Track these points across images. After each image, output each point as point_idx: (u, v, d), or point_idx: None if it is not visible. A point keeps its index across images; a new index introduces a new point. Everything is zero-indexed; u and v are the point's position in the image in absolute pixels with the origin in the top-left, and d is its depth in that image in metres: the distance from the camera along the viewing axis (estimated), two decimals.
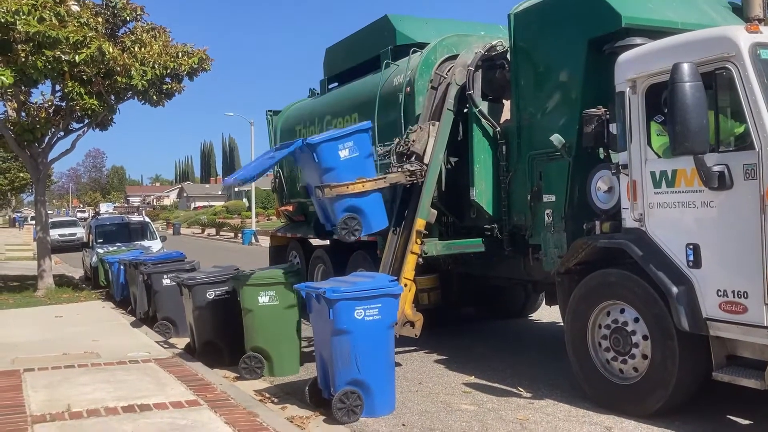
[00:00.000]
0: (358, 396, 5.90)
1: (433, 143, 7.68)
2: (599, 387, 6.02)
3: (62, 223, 37.71)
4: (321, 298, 5.94)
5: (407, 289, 7.39)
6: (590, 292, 6.06)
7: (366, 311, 5.95)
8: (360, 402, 5.90)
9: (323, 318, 5.99)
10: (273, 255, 12.75)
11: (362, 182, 7.25)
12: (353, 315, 5.90)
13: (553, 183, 6.80)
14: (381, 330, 6.06)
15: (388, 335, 6.17)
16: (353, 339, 5.90)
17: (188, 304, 8.48)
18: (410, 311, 7.43)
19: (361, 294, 5.95)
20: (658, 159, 5.63)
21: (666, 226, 5.54)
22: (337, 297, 5.85)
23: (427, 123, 7.85)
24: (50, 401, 6.22)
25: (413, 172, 7.56)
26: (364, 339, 5.93)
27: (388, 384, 6.16)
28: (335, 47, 11.43)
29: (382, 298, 6.04)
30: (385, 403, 6.11)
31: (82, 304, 13.43)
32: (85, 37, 12.52)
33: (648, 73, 5.64)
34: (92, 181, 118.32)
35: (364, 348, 5.94)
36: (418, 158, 7.66)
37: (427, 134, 7.74)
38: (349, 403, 5.86)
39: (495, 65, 7.87)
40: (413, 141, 7.75)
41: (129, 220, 20.86)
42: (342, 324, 5.86)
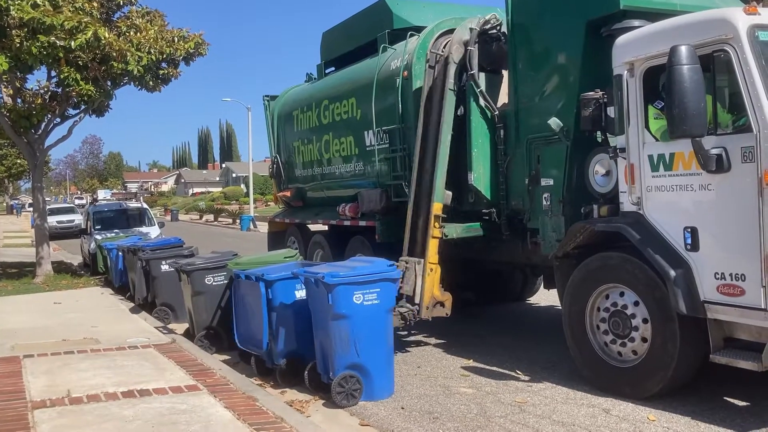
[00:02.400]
0: (357, 380, 5.92)
1: (421, 283, 7.40)
2: (598, 370, 6.04)
3: (60, 209, 37.61)
4: (320, 283, 5.95)
5: (433, 272, 7.44)
6: (589, 275, 6.06)
7: (365, 296, 5.97)
8: (359, 386, 5.93)
9: (322, 302, 6.00)
10: (272, 241, 12.72)
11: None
12: (352, 299, 5.92)
13: (551, 167, 6.76)
14: (380, 314, 6.08)
15: (386, 319, 6.19)
16: (352, 323, 5.92)
17: (187, 289, 8.50)
18: (439, 292, 7.47)
19: (359, 279, 5.96)
20: (656, 142, 5.60)
21: (664, 210, 5.53)
22: (336, 282, 5.86)
23: (413, 261, 7.58)
24: (50, 387, 6.24)
25: (404, 316, 7.23)
26: (363, 323, 5.95)
27: (387, 368, 6.19)
28: (332, 31, 11.36)
29: (380, 282, 6.05)
30: (384, 387, 6.15)
31: (81, 291, 13.44)
32: (80, 22, 12.41)
33: (646, 56, 5.60)
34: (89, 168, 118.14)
35: (363, 332, 5.96)
36: (409, 299, 7.40)
37: (414, 273, 7.49)
38: (348, 387, 5.89)
39: (492, 38, 7.81)
40: (400, 280, 7.15)
41: (127, 207, 20.83)
42: (341, 308, 5.88)
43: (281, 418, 5.18)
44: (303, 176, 11.60)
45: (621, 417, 5.37)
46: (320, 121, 10.75)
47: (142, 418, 5.28)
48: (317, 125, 10.87)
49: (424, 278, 7.45)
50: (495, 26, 7.81)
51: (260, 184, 64.22)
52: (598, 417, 5.40)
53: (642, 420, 5.29)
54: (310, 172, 11.35)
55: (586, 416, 5.44)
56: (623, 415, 5.41)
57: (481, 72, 7.72)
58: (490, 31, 7.82)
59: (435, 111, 7.93)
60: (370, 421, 5.55)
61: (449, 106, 7.74)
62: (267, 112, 12.74)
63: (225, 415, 5.33)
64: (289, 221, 11.99)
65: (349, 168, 10.11)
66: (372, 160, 9.37)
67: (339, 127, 10.28)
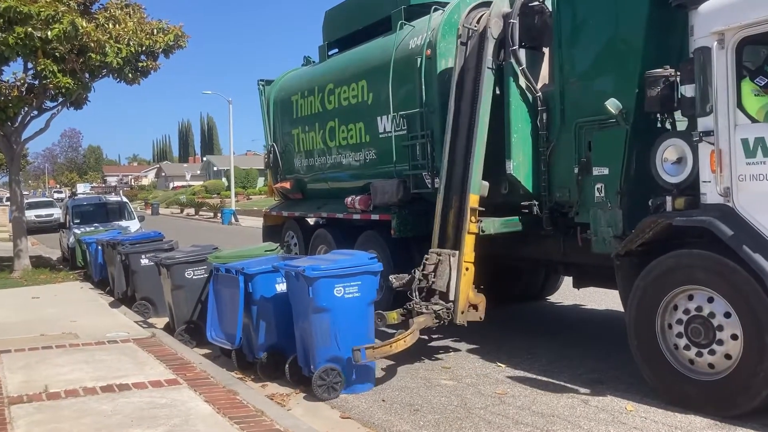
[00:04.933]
0: (338, 373, 5.93)
1: (456, 276, 6.82)
2: (663, 375, 5.42)
3: (39, 203, 37.24)
4: (300, 276, 5.94)
5: (469, 272, 6.87)
6: (667, 273, 5.33)
7: (345, 289, 5.95)
8: (340, 378, 5.93)
9: (303, 295, 5.98)
10: (267, 235, 12.00)
11: (403, 338, 6.26)
12: (333, 293, 5.90)
13: (606, 154, 6.02)
14: (361, 307, 6.07)
15: (367, 312, 6.19)
16: (333, 317, 5.91)
17: (167, 283, 8.45)
18: (473, 294, 6.88)
19: (340, 272, 5.94)
20: (753, 124, 4.93)
21: (762, 202, 4.84)
22: (317, 275, 5.84)
23: (447, 253, 6.96)
24: (27, 382, 6.17)
25: (438, 314, 6.71)
26: (343, 316, 5.94)
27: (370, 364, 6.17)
28: (336, 9, 10.66)
29: (361, 275, 6.03)
30: (365, 380, 6.15)
31: (60, 285, 13.32)
32: (56, 12, 12.27)
33: (741, 24, 4.91)
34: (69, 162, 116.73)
35: (344, 325, 5.96)
36: (442, 296, 6.84)
37: (447, 267, 6.88)
38: (329, 380, 5.89)
39: (533, 11, 7.05)
40: (432, 274, 6.92)
41: (106, 200, 20.63)
42: (321, 302, 5.87)
43: (262, 411, 5.17)
44: (303, 166, 11.00)
45: (599, 407, 5.42)
46: (324, 106, 10.12)
47: (122, 413, 5.25)
48: (320, 111, 10.25)
49: (459, 274, 6.83)
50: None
51: (242, 177, 64.00)
52: (577, 407, 5.44)
53: (620, 410, 5.33)
54: (311, 161, 10.74)
55: (566, 407, 5.48)
56: (602, 406, 5.45)
57: (521, 49, 6.99)
58: (532, 3, 7.07)
59: (468, 92, 7.27)
60: (351, 413, 5.55)
61: (488, 87, 7.04)
62: (262, 97, 11.95)
63: (205, 408, 5.30)
64: (288, 214, 11.40)
65: (359, 157, 9.48)
66: (387, 148, 8.77)
67: (346, 112, 9.63)
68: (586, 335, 7.97)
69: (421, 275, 6.97)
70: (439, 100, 7.80)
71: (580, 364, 6.66)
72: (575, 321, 9.08)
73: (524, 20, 7.03)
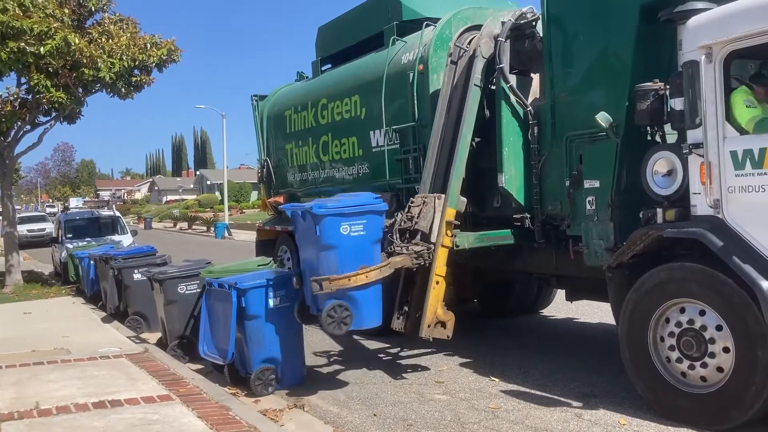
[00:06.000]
0: (346, 308, 6.13)
1: (439, 219, 6.85)
2: (655, 388, 5.41)
3: (31, 218, 37.07)
4: (308, 215, 6.13)
5: (439, 285, 6.76)
6: (659, 286, 5.34)
7: (351, 227, 6.16)
8: (348, 312, 6.14)
9: (310, 234, 6.19)
10: (260, 250, 11.92)
11: (365, 272, 6.24)
12: (339, 230, 6.11)
13: (597, 167, 6.08)
14: (366, 245, 6.29)
15: (373, 250, 6.42)
16: (340, 254, 6.13)
17: (159, 298, 8.42)
18: (441, 311, 6.75)
19: (346, 210, 6.18)
20: (740, 137, 4.99)
21: (751, 213, 4.88)
22: (324, 212, 6.07)
23: (432, 196, 7.04)
24: (18, 399, 6.13)
25: (420, 254, 6.70)
26: (349, 253, 6.16)
27: (375, 299, 6.37)
28: (329, 26, 10.79)
29: (367, 214, 6.28)
30: (373, 318, 6.41)
31: (52, 300, 13.24)
32: (49, 27, 12.30)
33: (728, 38, 4.97)
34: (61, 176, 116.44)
35: (350, 262, 6.15)
36: (424, 237, 6.84)
37: (432, 209, 6.91)
38: (338, 315, 6.09)
39: (524, 35, 7.18)
40: (417, 216, 6.95)
41: (99, 215, 20.58)
42: (329, 239, 6.07)
43: (255, 427, 5.15)
44: (297, 181, 11.01)
45: (593, 421, 5.42)
46: (317, 121, 10.19)
47: (113, 430, 5.21)
48: (313, 126, 10.33)
49: (443, 218, 6.84)
50: (531, 21, 7.18)
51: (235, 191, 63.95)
52: (571, 421, 5.44)
53: (613, 424, 5.33)
54: (304, 176, 10.78)
55: (559, 421, 5.47)
56: (595, 419, 5.45)
57: (511, 73, 7.15)
58: (523, 26, 7.20)
59: (454, 109, 7.37)
60: (344, 429, 5.54)
61: (472, 103, 7.14)
62: (255, 112, 12.05)
63: (198, 425, 5.27)
64: (281, 229, 11.31)
65: (352, 171, 9.53)
66: (379, 162, 8.81)
67: (339, 127, 9.70)
68: (579, 349, 7.97)
69: (405, 217, 7.01)
70: (431, 115, 7.84)
71: (573, 377, 6.66)
72: (568, 334, 9.08)
73: (515, 43, 7.19)
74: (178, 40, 14.67)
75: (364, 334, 8.96)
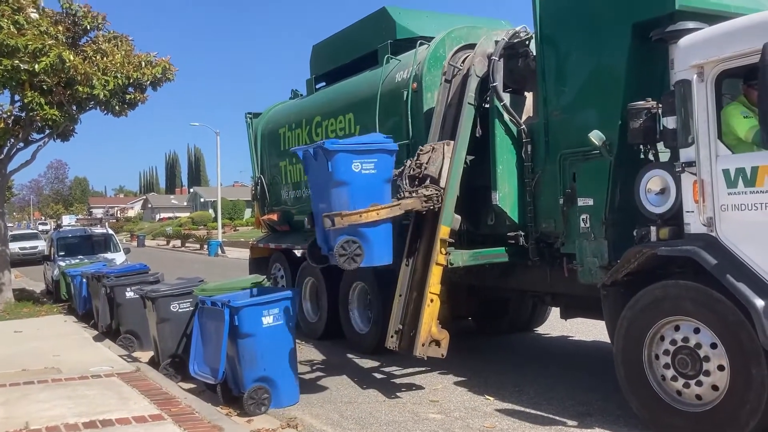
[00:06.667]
0: (358, 245, 6.31)
1: (449, 165, 7.00)
2: (651, 407, 5.39)
3: (23, 236, 36.86)
4: (320, 151, 6.33)
5: (433, 304, 6.75)
6: (654, 304, 5.34)
7: (363, 164, 6.37)
8: (360, 249, 6.32)
9: (322, 172, 6.37)
10: (254, 268, 11.93)
11: (376, 209, 6.44)
12: (351, 167, 6.30)
13: (591, 185, 6.11)
14: (377, 184, 6.53)
15: (384, 189, 6.66)
16: (352, 190, 6.33)
17: (152, 316, 8.36)
18: (436, 329, 6.76)
19: (358, 147, 6.43)
20: (733, 155, 5.02)
21: (744, 231, 4.90)
22: (336, 148, 6.37)
23: (441, 143, 7.17)
24: (7, 419, 6.04)
25: (429, 197, 6.85)
26: (361, 190, 6.39)
27: (385, 238, 6.59)
28: (324, 44, 10.85)
29: (378, 153, 6.48)
30: (383, 255, 6.61)
31: (43, 319, 13.12)
32: (44, 45, 12.31)
33: (719, 57, 5.02)
34: (54, 193, 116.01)
35: (361, 198, 6.39)
36: (434, 181, 6.96)
37: (441, 155, 7.03)
38: (350, 251, 6.27)
39: (517, 54, 7.22)
40: (426, 163, 7.06)
41: (92, 233, 20.48)
42: (341, 175, 6.31)
43: None
44: (290, 198, 11.00)
45: None
46: (311, 138, 10.11)
47: None
48: (307, 143, 10.17)
49: (452, 163, 6.93)
50: (524, 40, 7.23)
51: (228, 208, 63.93)
52: None
53: None
54: (298, 193, 10.75)
55: None
56: None
57: (505, 92, 7.17)
58: (517, 45, 7.25)
59: (449, 127, 7.41)
60: None
61: (467, 121, 7.16)
62: (249, 130, 12.03)
63: None
64: (275, 246, 11.37)
65: None
66: None
67: None
68: (574, 367, 7.94)
69: (414, 164, 7.11)
70: (425, 133, 7.85)
71: (568, 396, 6.63)
72: (563, 352, 9.06)
73: (508, 62, 7.21)
74: (173, 58, 14.71)
75: (358, 353, 8.93)
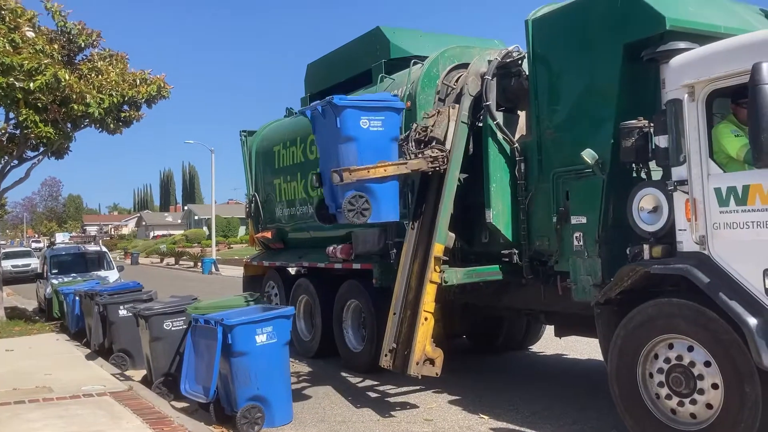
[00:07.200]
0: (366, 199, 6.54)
1: (453, 128, 7.12)
2: (644, 425, 5.37)
3: (16, 253, 36.73)
4: (328, 107, 6.56)
5: (428, 322, 6.75)
6: (648, 322, 5.32)
7: (371, 121, 6.61)
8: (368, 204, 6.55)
9: (330, 128, 6.59)
10: (247, 286, 11.92)
11: (384, 166, 6.63)
12: (359, 123, 6.54)
13: (584, 203, 6.14)
14: (385, 141, 6.75)
15: (390, 147, 6.88)
16: (359, 146, 6.55)
17: (145, 335, 8.32)
18: (430, 348, 6.75)
19: (366, 104, 6.69)
20: (725, 173, 5.06)
21: (736, 250, 4.92)
22: (345, 104, 6.55)
23: (446, 106, 7.36)
24: None
25: (435, 158, 6.97)
26: (369, 147, 6.61)
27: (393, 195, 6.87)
28: (319, 63, 10.96)
29: (385, 110, 6.74)
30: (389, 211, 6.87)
31: (35, 337, 13.04)
32: (39, 63, 12.35)
33: (710, 77, 5.07)
34: (48, 211, 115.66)
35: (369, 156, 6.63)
36: (439, 143, 7.09)
37: (446, 117, 7.19)
38: (358, 206, 6.48)
39: (510, 73, 7.32)
40: (431, 126, 7.21)
41: (85, 250, 20.39)
42: (348, 131, 6.51)
43: None
44: (285, 216, 11.04)
45: None
46: (306, 156, 10.23)
47: None
48: (302, 161, 10.38)
49: (458, 126, 7.11)
50: (517, 59, 7.30)
51: (223, 226, 63.78)
52: None
53: None
54: (293, 211, 10.81)
55: None
56: None
57: (498, 111, 7.24)
58: (510, 65, 7.34)
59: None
60: None
61: (460, 140, 7.21)
62: (244, 148, 12.13)
63: None
64: (269, 264, 11.37)
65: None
66: None
67: None
68: (568, 385, 7.93)
69: (420, 128, 7.29)
70: None
71: (563, 414, 6.62)
72: (557, 371, 9.04)
73: (501, 81, 7.30)
74: (168, 75, 14.74)
75: (352, 371, 8.90)
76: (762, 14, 6.58)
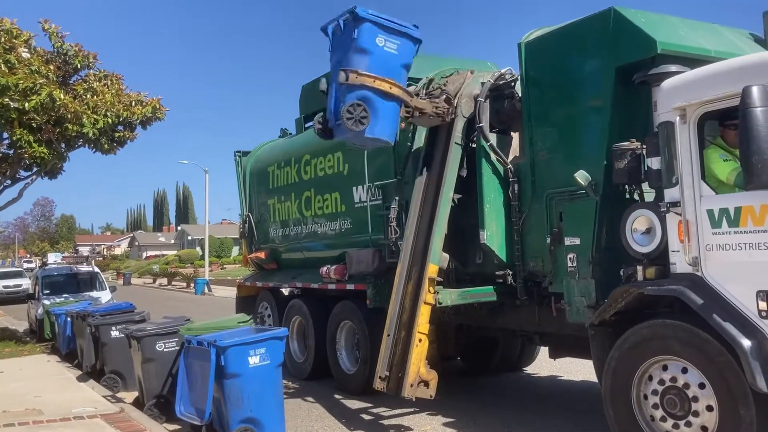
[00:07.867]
0: (365, 109, 6.45)
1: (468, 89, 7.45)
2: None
3: (7, 274, 36.50)
4: (350, 19, 6.48)
5: (422, 344, 6.74)
6: (642, 343, 5.32)
7: (386, 41, 6.61)
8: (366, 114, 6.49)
9: (347, 39, 6.51)
10: (240, 306, 11.90)
11: (391, 82, 6.61)
12: (375, 40, 6.56)
13: (577, 224, 6.16)
14: (397, 65, 6.74)
15: (400, 74, 6.81)
16: (372, 60, 6.52)
17: (137, 356, 8.26)
18: (424, 369, 6.72)
19: (385, 24, 6.61)
20: (717, 195, 5.09)
21: (729, 271, 4.93)
22: (366, 17, 6.48)
23: (466, 70, 7.66)
24: None
25: (439, 107, 7.16)
26: (381, 64, 6.55)
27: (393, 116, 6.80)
28: (313, 84, 10.68)
29: (403, 36, 6.73)
30: (386, 130, 6.77)
31: (26, 359, 12.92)
32: (35, 84, 12.38)
33: (701, 100, 5.12)
34: (40, 231, 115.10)
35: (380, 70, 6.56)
36: (448, 100, 7.25)
37: (463, 78, 7.48)
38: (356, 114, 6.41)
39: (503, 95, 7.39)
40: (444, 85, 7.44)
41: (77, 271, 20.30)
42: (364, 43, 6.49)
43: None
44: (278, 236, 11.06)
45: None
46: (300, 177, 10.29)
47: None
48: (296, 181, 10.40)
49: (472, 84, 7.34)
50: (510, 81, 7.37)
51: (216, 246, 63.57)
52: None
53: None
54: (286, 231, 10.82)
55: None
56: None
57: (491, 132, 7.28)
58: (503, 87, 7.42)
59: (436, 166, 7.50)
60: None
61: (453, 161, 7.25)
62: (238, 168, 12.13)
63: None
64: (262, 285, 11.32)
65: (335, 226, 9.59)
66: (362, 217, 8.91)
67: (322, 182, 9.79)
68: (563, 406, 7.89)
69: (437, 82, 7.50)
70: (413, 171, 7.95)
71: None
72: (552, 392, 9.00)
73: (494, 103, 7.37)
74: (163, 96, 14.82)
75: (346, 393, 8.84)
76: (751, 38, 6.65)
